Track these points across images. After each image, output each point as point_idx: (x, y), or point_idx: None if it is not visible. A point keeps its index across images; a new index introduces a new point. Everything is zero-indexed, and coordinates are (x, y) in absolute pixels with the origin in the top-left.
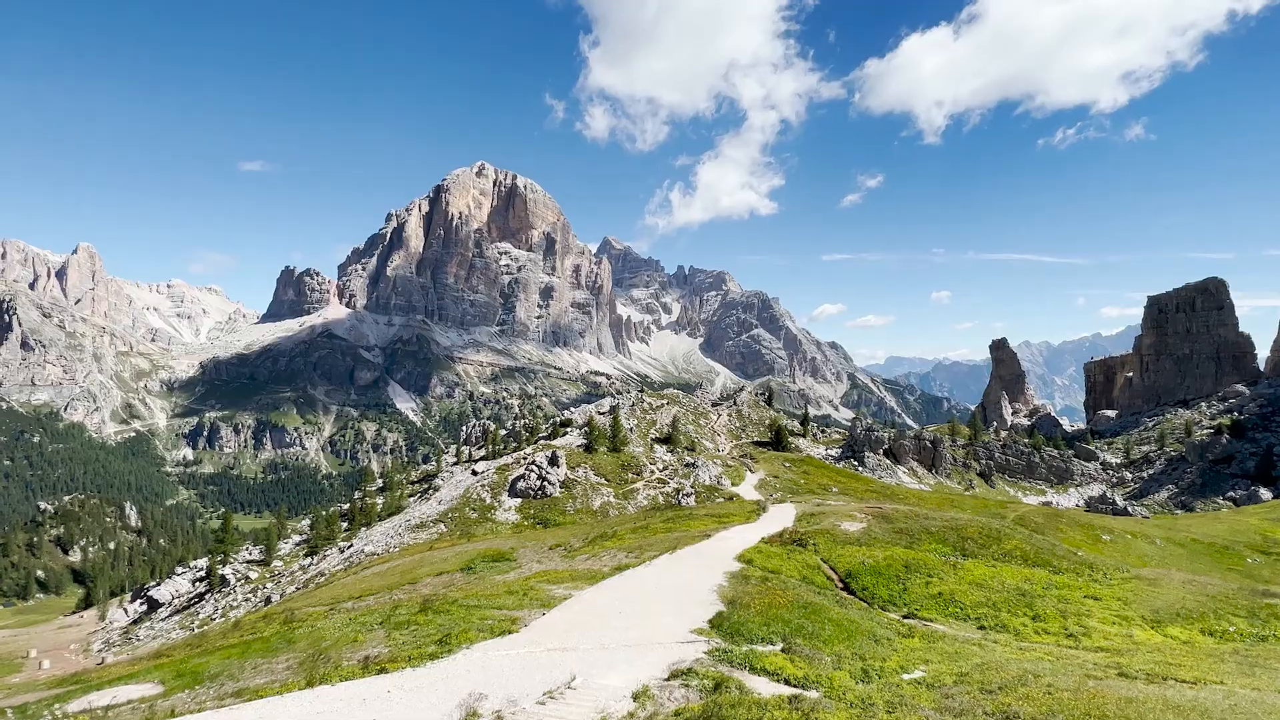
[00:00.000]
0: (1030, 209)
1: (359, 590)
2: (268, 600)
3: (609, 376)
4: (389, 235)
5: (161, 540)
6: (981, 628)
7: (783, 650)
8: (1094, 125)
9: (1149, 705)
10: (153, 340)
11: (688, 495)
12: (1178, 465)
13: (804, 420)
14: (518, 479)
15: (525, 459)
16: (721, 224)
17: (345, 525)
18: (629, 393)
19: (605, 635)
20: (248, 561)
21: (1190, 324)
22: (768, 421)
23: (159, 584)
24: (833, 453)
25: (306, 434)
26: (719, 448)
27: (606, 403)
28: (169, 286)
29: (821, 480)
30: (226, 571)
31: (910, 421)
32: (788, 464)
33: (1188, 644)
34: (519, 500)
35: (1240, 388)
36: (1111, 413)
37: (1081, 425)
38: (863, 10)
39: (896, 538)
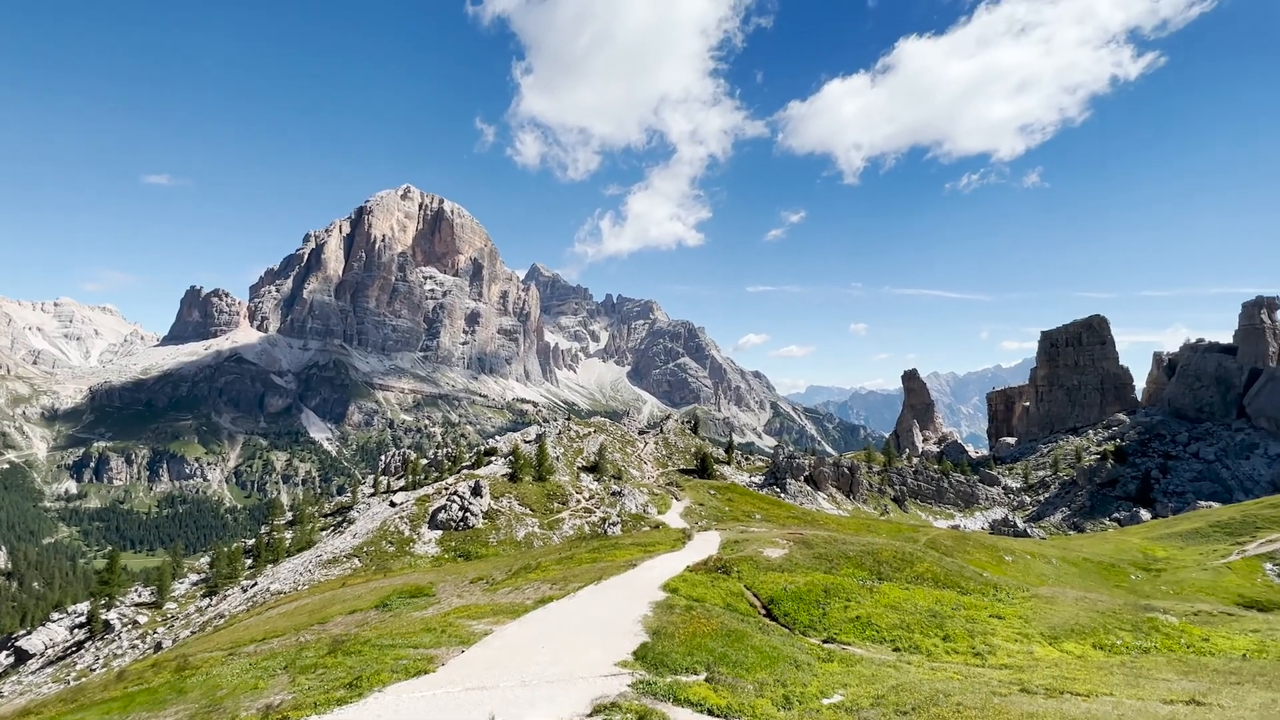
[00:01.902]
0: (939, 247)
1: (262, 632)
2: (158, 646)
3: (536, 404)
4: (306, 256)
5: (35, 583)
6: (896, 649)
7: (706, 680)
8: (995, 172)
9: (1048, 719)
10: (34, 363)
11: (614, 524)
12: (1070, 489)
13: (729, 448)
14: (439, 510)
15: (447, 489)
16: (650, 254)
17: (250, 562)
18: (556, 421)
19: (527, 671)
20: (136, 604)
21: (1078, 357)
22: (693, 449)
23: (29, 632)
24: (756, 480)
25: (209, 465)
26: (645, 476)
27: (533, 431)
28: (56, 305)
29: (745, 507)
30: (111, 616)
31: (829, 449)
32: (713, 491)
33: (1081, 658)
34: (439, 532)
35: (1122, 416)
36: (1011, 440)
37: (985, 451)
38: (788, 54)
39: (817, 563)
